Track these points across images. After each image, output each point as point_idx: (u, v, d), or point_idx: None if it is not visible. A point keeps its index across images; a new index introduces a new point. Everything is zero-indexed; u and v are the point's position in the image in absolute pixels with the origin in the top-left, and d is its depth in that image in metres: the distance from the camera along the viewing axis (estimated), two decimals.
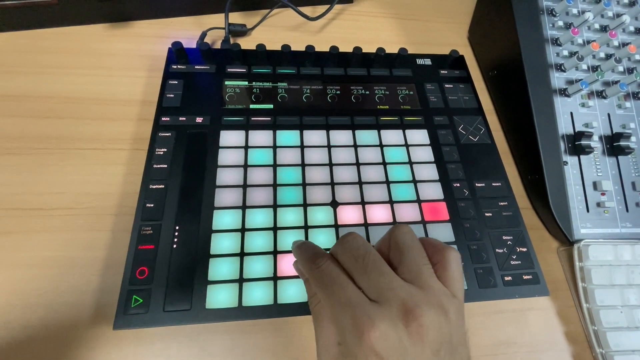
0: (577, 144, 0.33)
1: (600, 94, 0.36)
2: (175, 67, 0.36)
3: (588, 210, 0.32)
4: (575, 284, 0.31)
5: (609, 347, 0.28)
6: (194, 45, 0.38)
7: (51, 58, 0.37)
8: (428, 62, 0.40)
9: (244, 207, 0.29)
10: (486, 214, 0.31)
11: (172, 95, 0.34)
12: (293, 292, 0.26)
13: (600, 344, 0.28)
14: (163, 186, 0.29)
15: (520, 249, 0.30)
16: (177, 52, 0.35)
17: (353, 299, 0.15)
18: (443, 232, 0.30)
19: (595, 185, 0.33)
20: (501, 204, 0.32)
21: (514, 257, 0.30)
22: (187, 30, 0.41)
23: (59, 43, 0.38)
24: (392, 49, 0.39)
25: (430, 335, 0.14)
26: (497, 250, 0.30)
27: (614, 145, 0.34)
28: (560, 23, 0.37)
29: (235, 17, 0.43)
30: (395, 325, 0.14)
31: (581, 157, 0.33)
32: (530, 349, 0.29)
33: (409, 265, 0.17)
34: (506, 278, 0.29)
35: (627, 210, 0.33)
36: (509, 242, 0.30)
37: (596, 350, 0.29)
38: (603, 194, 0.33)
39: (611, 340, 0.28)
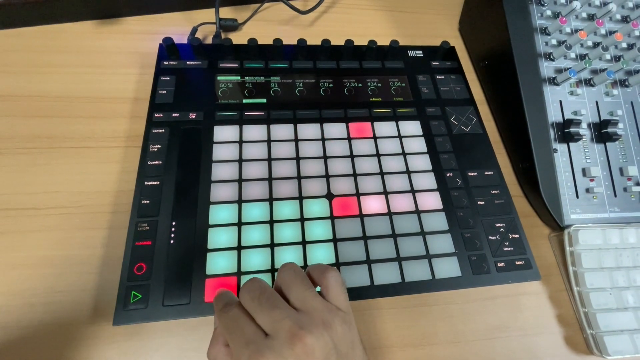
0: (566, 131, 0.34)
1: (589, 82, 0.36)
2: (166, 63, 0.35)
3: (577, 196, 0.33)
4: (566, 268, 0.32)
5: (599, 328, 0.29)
6: (185, 41, 0.38)
7: (40, 56, 0.37)
8: (419, 53, 0.41)
9: (239, 202, 0.29)
10: (479, 203, 0.32)
11: (165, 92, 0.34)
12: None
13: (591, 325, 0.29)
14: (158, 182, 0.29)
15: (513, 235, 0.31)
16: (168, 48, 0.35)
17: (250, 338, 0.18)
18: (437, 221, 0.31)
19: (584, 172, 0.34)
20: (493, 192, 0.33)
21: (507, 244, 0.31)
22: (177, 25, 0.41)
23: (48, 41, 0.38)
24: (383, 41, 0.39)
25: (316, 351, 0.17)
26: (490, 237, 0.31)
27: (602, 132, 0.35)
28: (549, 12, 0.37)
29: (226, 12, 0.43)
30: (282, 354, 0.17)
31: (570, 144, 0.34)
32: (523, 333, 0.30)
33: (295, 295, 0.20)
34: (499, 264, 0.30)
35: (615, 196, 0.34)
36: (501, 229, 0.31)
37: (587, 331, 0.29)
38: (592, 180, 0.33)
39: (601, 321, 0.29)
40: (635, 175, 0.34)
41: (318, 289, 0.21)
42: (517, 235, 0.31)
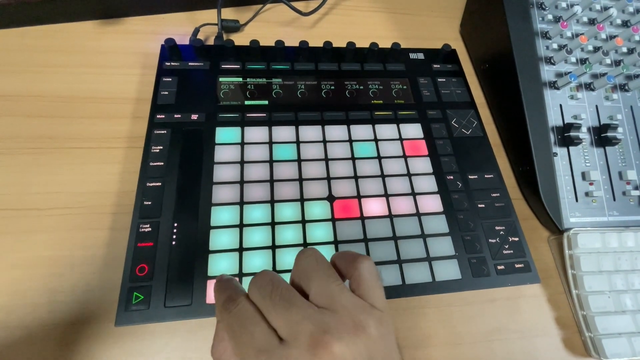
0: (566, 135, 0.34)
1: (589, 86, 0.36)
2: (168, 64, 0.35)
3: (577, 200, 0.33)
4: (565, 271, 0.32)
5: (597, 330, 0.29)
6: (186, 42, 0.38)
7: (42, 56, 0.37)
8: (421, 56, 0.41)
9: (241, 203, 0.29)
10: (479, 205, 0.32)
11: (167, 93, 0.34)
12: None
13: (589, 328, 0.30)
14: (160, 184, 0.29)
15: (512, 238, 0.31)
16: (170, 49, 0.35)
17: (262, 345, 0.14)
18: (437, 224, 0.31)
19: (583, 176, 0.34)
20: (493, 195, 0.33)
21: (506, 247, 0.31)
22: (179, 26, 0.41)
23: (50, 41, 0.38)
24: (385, 43, 0.40)
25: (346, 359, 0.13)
26: (490, 240, 0.31)
27: (602, 136, 0.35)
28: (550, 16, 0.37)
29: (228, 13, 0.43)
30: None
31: (570, 148, 0.34)
32: (522, 335, 0.30)
33: (318, 289, 0.16)
34: (499, 267, 0.30)
35: (614, 199, 0.34)
36: (501, 232, 0.31)
37: (585, 334, 0.30)
38: (591, 184, 0.34)
39: (599, 324, 0.29)
40: (634, 179, 0.34)
41: (347, 282, 0.18)
42: (516, 238, 0.31)
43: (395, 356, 0.15)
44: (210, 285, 0.26)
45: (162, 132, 0.32)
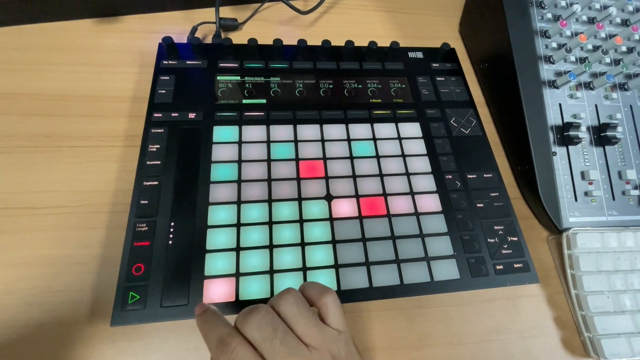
0: (565, 134, 0.34)
1: (588, 86, 0.36)
2: (166, 62, 0.35)
3: (576, 200, 0.33)
4: (564, 271, 0.32)
5: (596, 331, 0.29)
6: (184, 40, 0.38)
7: (39, 54, 0.36)
8: (420, 55, 0.41)
9: (239, 202, 0.29)
10: (478, 205, 0.32)
11: (164, 91, 0.33)
12: (289, 285, 0.26)
13: (588, 328, 0.29)
14: (157, 183, 0.29)
15: (511, 238, 0.31)
16: (167, 48, 0.35)
17: None
18: (436, 224, 0.31)
19: (583, 175, 0.34)
20: (492, 194, 0.33)
21: (505, 247, 0.31)
22: (177, 25, 0.41)
23: (46, 39, 0.37)
24: (383, 42, 0.39)
25: None
26: (488, 240, 0.31)
27: (601, 135, 0.35)
28: (549, 15, 0.37)
29: (226, 11, 0.43)
30: None
31: (569, 147, 0.34)
32: (521, 335, 0.30)
33: (302, 332, 0.20)
34: (498, 267, 0.30)
35: (614, 199, 0.34)
36: (500, 232, 0.31)
37: (584, 334, 0.29)
38: (590, 183, 0.34)
39: (598, 324, 0.29)
40: (633, 178, 0.34)
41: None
42: (515, 238, 0.31)
43: (356, 358, 0.21)
44: (207, 285, 0.26)
45: (159, 130, 0.31)
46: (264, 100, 0.35)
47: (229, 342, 0.18)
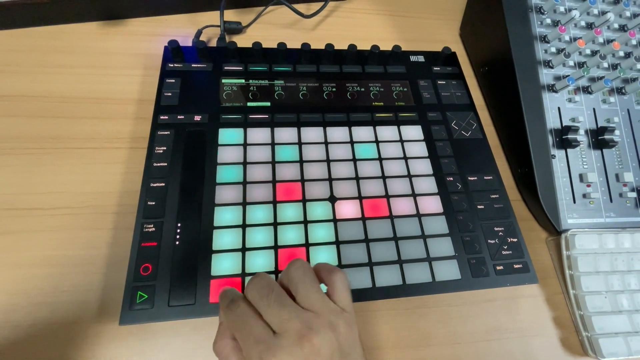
0: (564, 138, 0.34)
1: (586, 90, 0.37)
2: (172, 65, 0.36)
3: (575, 202, 0.34)
4: (562, 271, 0.32)
5: (594, 330, 0.29)
6: (189, 43, 0.38)
7: (45, 57, 0.37)
8: (421, 59, 0.41)
9: (244, 204, 0.30)
10: (478, 207, 0.33)
11: (170, 94, 0.34)
12: None
13: (586, 327, 0.30)
14: (164, 184, 0.30)
15: (511, 239, 0.32)
16: (173, 51, 0.36)
17: (260, 337, 0.18)
18: (437, 225, 0.31)
19: (581, 178, 0.34)
20: (493, 196, 0.33)
21: (505, 247, 0.31)
22: (182, 28, 0.41)
23: (53, 42, 0.38)
24: (385, 45, 0.40)
25: (322, 350, 0.18)
26: (489, 241, 0.31)
27: (599, 138, 0.35)
28: (548, 20, 0.38)
29: (230, 15, 0.43)
30: (291, 353, 0.18)
31: (568, 150, 0.35)
32: (521, 334, 0.30)
33: (304, 295, 0.20)
34: (498, 267, 0.30)
35: (611, 201, 0.34)
36: (500, 233, 0.32)
37: (582, 334, 0.30)
38: (589, 186, 0.34)
39: (596, 324, 0.29)
40: (630, 181, 0.35)
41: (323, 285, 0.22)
42: (515, 239, 0.32)
43: (357, 347, 0.20)
44: (214, 284, 0.26)
45: (166, 133, 0.32)
46: (269, 103, 0.35)
47: (236, 301, 0.20)
